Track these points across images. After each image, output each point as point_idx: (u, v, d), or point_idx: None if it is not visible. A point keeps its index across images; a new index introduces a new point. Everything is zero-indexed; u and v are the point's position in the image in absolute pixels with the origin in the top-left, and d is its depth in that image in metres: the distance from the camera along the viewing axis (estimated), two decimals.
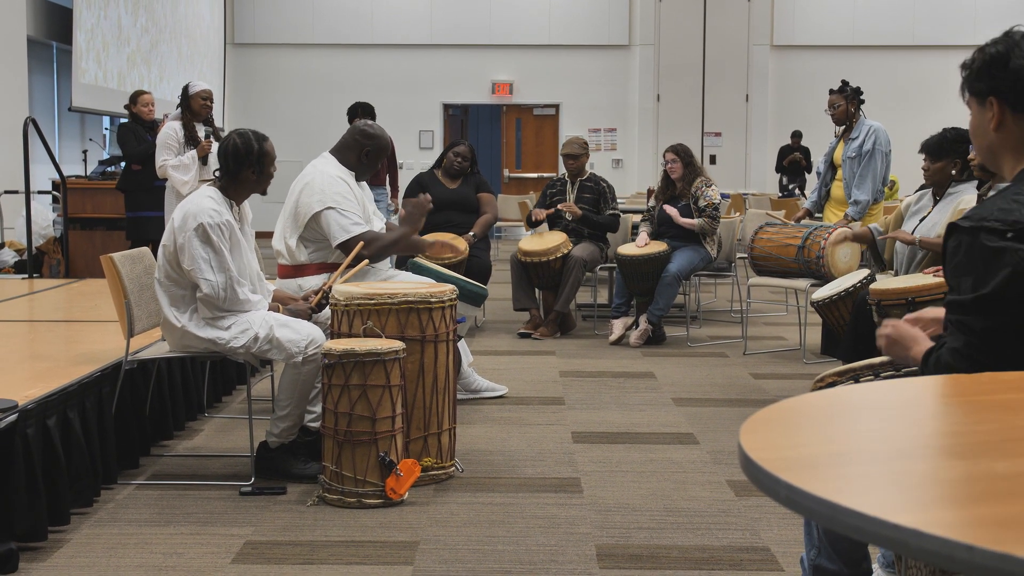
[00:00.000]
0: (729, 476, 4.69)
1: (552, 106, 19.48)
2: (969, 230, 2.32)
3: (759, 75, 19.02)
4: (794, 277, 7.44)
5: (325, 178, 5.16)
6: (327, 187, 5.13)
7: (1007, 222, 2.28)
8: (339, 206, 5.12)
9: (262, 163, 4.56)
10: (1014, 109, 2.44)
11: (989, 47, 2.47)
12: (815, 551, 3.14)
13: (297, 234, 5.18)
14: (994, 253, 2.27)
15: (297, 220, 5.17)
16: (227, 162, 4.56)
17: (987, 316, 2.29)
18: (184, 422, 5.48)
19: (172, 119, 8.21)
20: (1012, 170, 2.48)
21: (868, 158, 7.86)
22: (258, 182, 4.60)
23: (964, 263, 2.32)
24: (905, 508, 1.33)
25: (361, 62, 18.97)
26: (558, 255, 8.19)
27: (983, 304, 2.28)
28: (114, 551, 3.79)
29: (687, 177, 8.13)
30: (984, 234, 2.29)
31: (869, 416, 1.87)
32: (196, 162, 7.94)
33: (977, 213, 2.35)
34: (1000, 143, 2.48)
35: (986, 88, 2.46)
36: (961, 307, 2.33)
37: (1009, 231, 2.27)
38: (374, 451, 4.25)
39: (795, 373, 7.04)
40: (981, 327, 2.30)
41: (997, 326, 2.29)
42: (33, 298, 7.56)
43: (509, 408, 5.98)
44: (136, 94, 9.24)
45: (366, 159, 5.37)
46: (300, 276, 5.22)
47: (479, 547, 3.83)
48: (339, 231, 5.11)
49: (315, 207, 5.12)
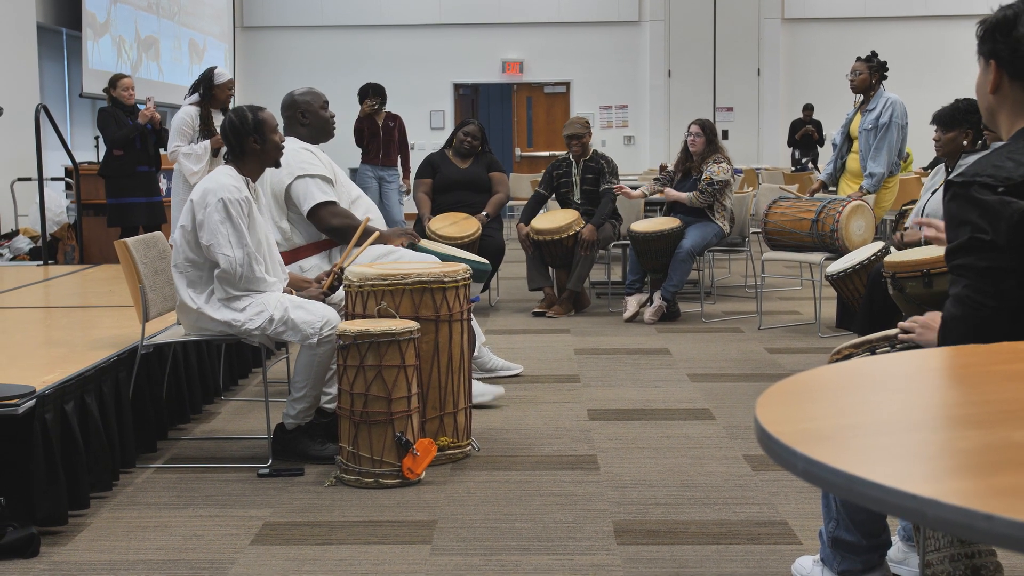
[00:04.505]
0: (745, 451, 4.69)
1: (563, 84, 19.43)
2: (962, 184, 2.40)
3: (770, 49, 18.93)
4: (808, 251, 7.42)
5: (288, 153, 5.19)
6: (291, 159, 5.19)
7: (998, 178, 2.35)
8: (306, 172, 5.21)
9: (261, 130, 4.60)
10: (1011, 75, 2.50)
11: (1001, 10, 2.51)
12: (833, 523, 3.14)
13: (284, 215, 5.25)
14: (986, 206, 2.34)
15: (278, 201, 5.25)
16: (229, 139, 4.62)
17: (985, 256, 2.35)
18: (201, 406, 5.50)
19: (188, 103, 7.84)
20: (1008, 130, 2.54)
21: (885, 130, 7.83)
22: (264, 151, 4.63)
23: (959, 215, 2.40)
24: (923, 478, 1.32)
25: (371, 43, 18.94)
26: (570, 233, 8.18)
27: (980, 244, 2.35)
28: (134, 534, 3.81)
29: (705, 153, 8.11)
30: (976, 188, 2.36)
31: (886, 388, 1.86)
32: (208, 153, 7.59)
33: (970, 169, 2.42)
34: (997, 105, 2.56)
35: (988, 51, 2.53)
36: (959, 250, 2.39)
37: (1000, 186, 2.34)
38: (390, 431, 4.26)
39: (810, 347, 7.03)
40: (983, 266, 2.36)
41: (997, 265, 2.35)
42: (48, 284, 7.59)
43: (525, 387, 5.99)
44: (115, 78, 9.01)
45: (307, 119, 5.44)
46: (299, 258, 5.25)
47: (497, 525, 3.84)
48: (306, 200, 5.19)
49: (285, 180, 5.21)
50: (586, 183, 8.49)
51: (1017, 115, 2.52)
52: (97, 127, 9.09)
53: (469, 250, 7.46)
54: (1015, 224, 2.32)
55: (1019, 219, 2.32)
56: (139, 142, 8.80)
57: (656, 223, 8.08)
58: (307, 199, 5.19)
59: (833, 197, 7.65)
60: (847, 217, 7.14)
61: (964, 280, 2.39)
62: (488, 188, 8.51)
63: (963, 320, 2.38)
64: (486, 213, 8.31)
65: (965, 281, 2.39)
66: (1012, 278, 2.35)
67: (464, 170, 8.52)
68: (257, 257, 4.52)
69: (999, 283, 2.35)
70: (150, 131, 8.83)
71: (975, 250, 2.36)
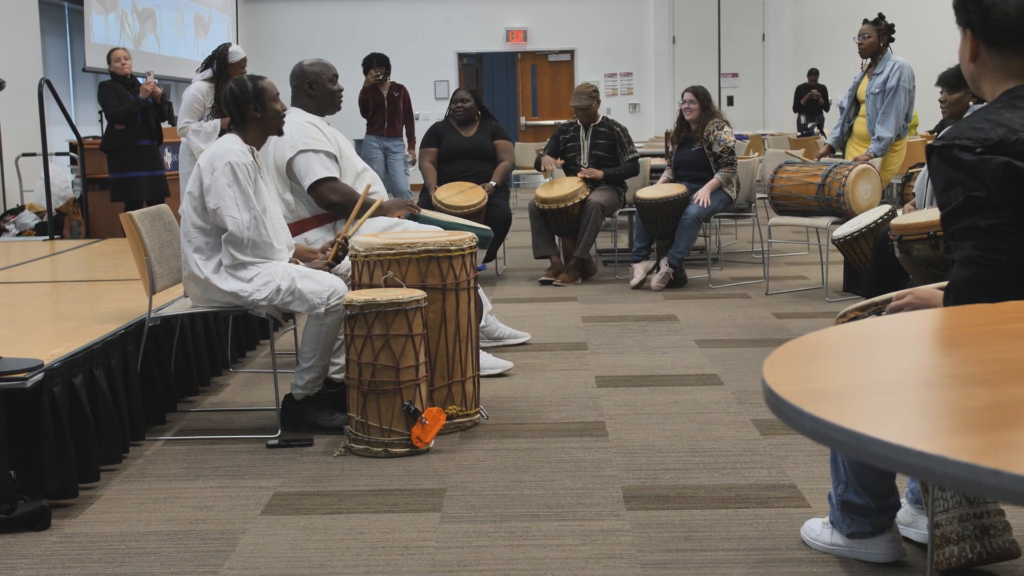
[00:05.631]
0: (754, 415, 4.69)
1: (567, 52, 19.34)
2: (942, 148, 2.42)
3: (775, 13, 18.81)
4: (815, 215, 7.40)
5: (293, 126, 5.19)
6: (295, 133, 5.19)
7: (976, 139, 2.38)
8: (309, 147, 5.21)
9: (261, 98, 4.61)
10: (987, 43, 2.53)
11: None
12: (842, 486, 3.15)
13: (288, 187, 5.26)
14: (969, 166, 2.37)
15: (280, 174, 5.25)
16: (231, 109, 4.64)
17: (985, 214, 2.36)
18: (209, 377, 5.51)
19: (200, 79, 7.68)
20: (992, 96, 2.56)
21: (892, 94, 7.79)
22: (265, 119, 4.63)
23: (945, 178, 2.42)
24: (930, 436, 1.32)
25: (374, 14, 18.85)
26: (575, 201, 8.16)
27: (977, 203, 2.36)
28: (144, 506, 3.83)
29: (702, 120, 8.06)
30: (956, 150, 2.39)
31: (892, 348, 1.86)
32: (217, 132, 7.39)
33: (950, 132, 2.45)
34: (978, 72, 2.58)
35: (963, 20, 2.56)
36: (958, 213, 2.40)
37: (978, 147, 2.36)
38: (399, 400, 4.27)
39: (818, 312, 7.02)
40: (986, 224, 2.36)
41: (998, 222, 2.35)
42: (55, 259, 7.60)
43: (533, 355, 5.99)
44: (109, 52, 9.01)
45: (314, 90, 5.41)
46: (304, 231, 5.25)
47: (506, 492, 3.85)
48: (308, 175, 5.19)
49: (288, 154, 5.21)
50: (596, 148, 8.45)
51: (998, 80, 2.54)
52: (98, 102, 9.08)
53: (475, 219, 7.45)
54: (1000, 180, 2.34)
55: (1003, 174, 2.34)
56: (140, 116, 8.80)
57: (662, 189, 8.05)
58: (308, 174, 5.18)
59: (839, 161, 7.63)
60: (853, 181, 7.11)
61: (971, 241, 2.38)
62: (493, 156, 8.49)
63: (975, 280, 2.37)
64: (493, 182, 8.30)
65: (972, 242, 2.38)
66: (1015, 231, 2.35)
67: (468, 138, 8.49)
68: (264, 220, 4.53)
69: (1006, 237, 2.35)
70: (151, 105, 8.82)
71: (974, 210, 2.36)
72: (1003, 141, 2.35)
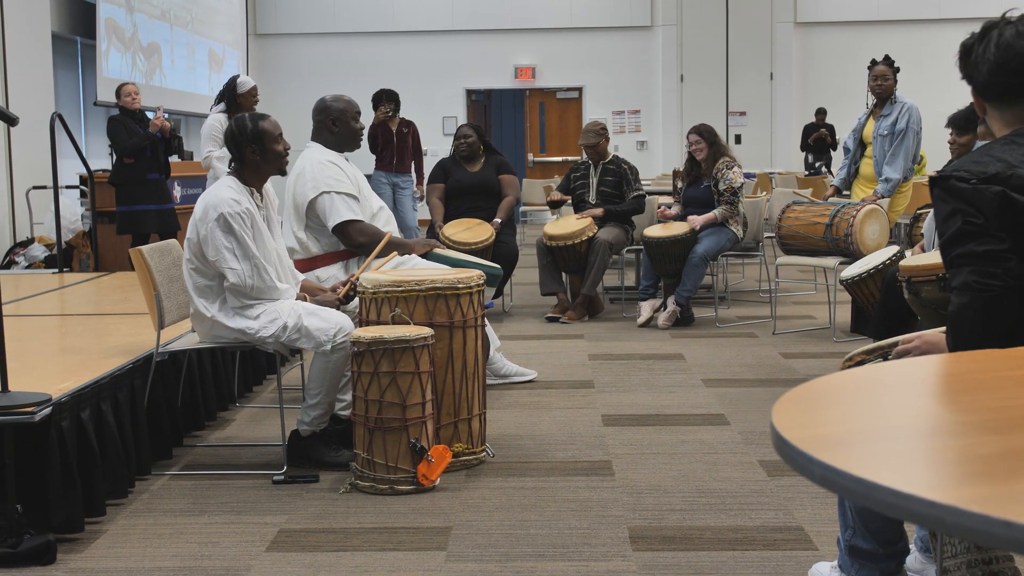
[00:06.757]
0: (761, 456, 4.67)
1: (575, 89, 19.43)
2: (941, 179, 2.50)
3: (783, 53, 18.88)
4: (822, 255, 7.40)
5: (315, 164, 5.22)
6: (318, 173, 5.21)
7: (973, 172, 2.45)
8: (333, 189, 5.22)
9: (260, 140, 4.58)
10: (986, 98, 2.64)
11: (967, 38, 2.63)
12: (849, 532, 3.13)
13: (303, 225, 5.27)
14: (966, 194, 2.44)
15: (298, 212, 5.26)
16: (231, 148, 4.64)
17: (982, 240, 2.41)
18: (216, 412, 5.51)
19: (216, 111, 8.16)
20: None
21: (901, 136, 7.82)
22: (265, 160, 4.61)
23: (945, 207, 2.48)
24: (940, 484, 1.32)
25: (383, 49, 18.97)
26: (583, 238, 8.17)
27: (974, 229, 2.42)
28: (150, 541, 3.82)
29: (712, 156, 8.10)
30: (954, 181, 2.46)
31: (900, 393, 1.86)
32: None
33: (952, 166, 2.53)
34: (989, 124, 2.69)
35: (965, 78, 2.68)
36: (955, 240, 2.45)
37: (973, 179, 2.44)
38: (405, 438, 4.26)
39: (825, 352, 7.01)
40: (982, 250, 2.41)
41: (995, 248, 2.41)
42: (63, 292, 7.61)
43: (539, 392, 5.99)
44: (119, 87, 9.13)
45: (336, 127, 5.42)
46: (315, 268, 5.26)
47: (512, 531, 3.84)
48: (332, 215, 5.20)
49: (310, 194, 5.21)
50: (604, 184, 8.49)
51: (1003, 130, 2.63)
52: (107, 136, 9.15)
53: (483, 255, 7.46)
54: (996, 208, 2.40)
55: (999, 203, 2.40)
56: (149, 150, 8.86)
57: (670, 228, 8.06)
58: (333, 215, 5.20)
59: (847, 201, 7.64)
60: (861, 221, 7.12)
61: (967, 267, 2.44)
62: (499, 191, 8.52)
63: (971, 307, 2.42)
64: (499, 219, 8.32)
65: (968, 268, 2.44)
66: (1012, 257, 2.40)
67: (474, 173, 8.53)
68: (265, 265, 4.52)
69: (1002, 263, 2.40)
70: (160, 139, 8.89)
71: (971, 236, 2.42)
72: (999, 175, 2.42)
